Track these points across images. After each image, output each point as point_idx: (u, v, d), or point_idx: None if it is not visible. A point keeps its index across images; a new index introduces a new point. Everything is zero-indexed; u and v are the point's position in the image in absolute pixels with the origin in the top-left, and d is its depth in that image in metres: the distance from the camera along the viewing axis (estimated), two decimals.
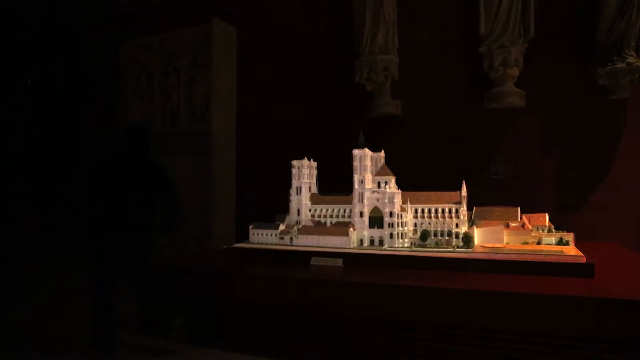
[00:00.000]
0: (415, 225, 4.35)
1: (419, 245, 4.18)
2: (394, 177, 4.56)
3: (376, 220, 4.41)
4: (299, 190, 4.85)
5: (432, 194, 4.44)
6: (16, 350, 4.06)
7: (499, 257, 3.66)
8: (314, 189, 5.00)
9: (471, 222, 4.28)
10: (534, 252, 3.63)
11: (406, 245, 4.24)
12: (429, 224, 4.30)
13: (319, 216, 4.79)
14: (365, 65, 6.74)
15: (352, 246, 4.30)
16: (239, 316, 3.83)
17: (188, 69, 8.98)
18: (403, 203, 4.36)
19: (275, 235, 4.69)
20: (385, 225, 4.33)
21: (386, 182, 4.53)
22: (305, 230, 4.59)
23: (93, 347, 3.64)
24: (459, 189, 4.26)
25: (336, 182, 4.70)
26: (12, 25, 9.92)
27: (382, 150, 4.78)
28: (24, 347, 4.14)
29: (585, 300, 2.71)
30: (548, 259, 3.47)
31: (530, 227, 4.14)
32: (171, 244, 8.24)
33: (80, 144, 10.74)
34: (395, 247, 4.22)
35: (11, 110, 9.97)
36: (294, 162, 4.91)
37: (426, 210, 4.36)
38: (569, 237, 4.01)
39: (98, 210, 3.76)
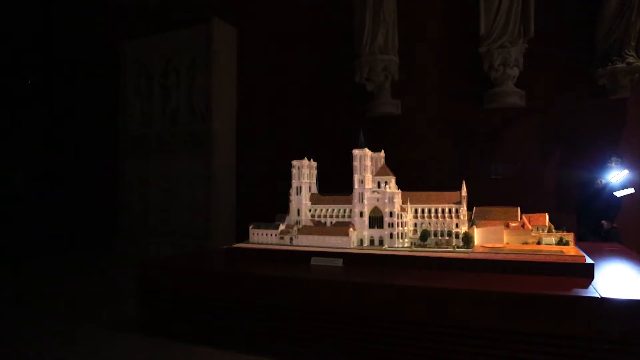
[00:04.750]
0: (415, 225, 4.34)
1: (419, 245, 4.18)
2: (394, 177, 4.55)
3: (376, 220, 4.41)
4: (299, 190, 4.85)
5: (432, 194, 4.43)
6: None
7: (499, 257, 3.65)
8: (314, 189, 4.99)
9: (471, 222, 4.28)
10: (534, 252, 3.62)
11: (406, 245, 4.23)
12: (429, 224, 4.29)
13: (319, 216, 4.78)
14: (365, 65, 6.75)
15: (352, 246, 4.29)
16: (238, 316, 3.83)
17: (188, 69, 8.96)
18: (403, 203, 4.36)
19: (275, 235, 4.69)
20: (385, 225, 4.32)
21: (386, 182, 4.53)
22: (305, 230, 4.58)
23: None
24: (459, 189, 4.26)
25: (336, 182, 4.70)
26: (12, 25, 9.91)
27: (382, 150, 4.78)
28: None
29: (585, 300, 2.71)
30: (548, 259, 3.46)
31: (530, 227, 4.13)
32: (171, 244, 8.29)
33: (81, 144, 10.75)
34: (395, 247, 4.21)
35: (11, 110, 9.95)
36: (294, 162, 4.90)
37: (426, 210, 4.36)
38: (569, 237, 4.00)
39: None
